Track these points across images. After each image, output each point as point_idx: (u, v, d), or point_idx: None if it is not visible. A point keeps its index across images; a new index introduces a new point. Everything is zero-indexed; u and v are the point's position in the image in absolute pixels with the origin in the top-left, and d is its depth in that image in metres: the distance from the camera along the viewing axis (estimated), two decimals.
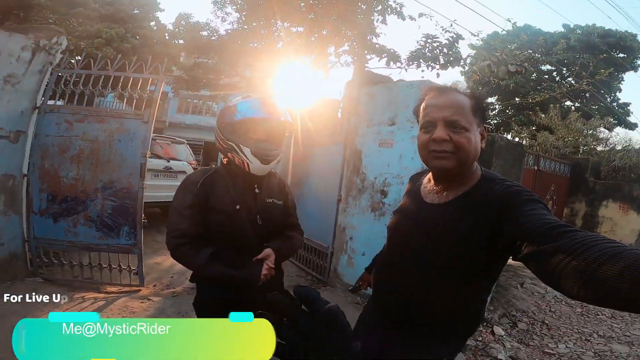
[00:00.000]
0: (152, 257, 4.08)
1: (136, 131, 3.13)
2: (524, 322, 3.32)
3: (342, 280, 3.56)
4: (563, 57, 14.31)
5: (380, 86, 3.66)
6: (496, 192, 0.88)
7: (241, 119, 1.26)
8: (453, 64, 6.05)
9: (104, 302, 2.84)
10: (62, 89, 3.23)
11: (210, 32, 9.14)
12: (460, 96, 0.95)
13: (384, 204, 3.23)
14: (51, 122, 3.10)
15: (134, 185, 3.08)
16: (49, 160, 3.05)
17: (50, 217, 3.05)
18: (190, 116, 17.46)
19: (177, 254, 1.25)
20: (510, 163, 2.93)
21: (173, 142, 5.95)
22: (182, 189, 1.30)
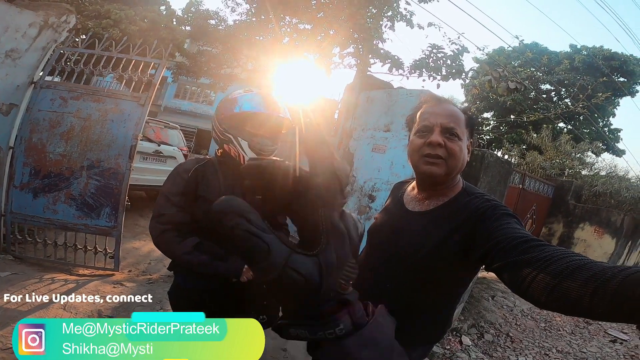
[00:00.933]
0: (131, 241, 4.03)
1: (131, 113, 3.12)
2: (490, 333, 3.39)
3: None
4: (564, 77, 14.38)
5: (380, 91, 3.67)
6: (473, 205, 0.91)
7: (241, 112, 1.27)
8: (455, 76, 6.08)
9: (75, 284, 2.78)
10: (62, 66, 3.21)
11: (218, 20, 9.08)
12: (456, 108, 1.00)
13: (371, 208, 3.24)
14: (46, 97, 3.07)
15: (121, 166, 3.05)
16: (38, 135, 3.01)
17: (30, 192, 3.00)
18: (187, 102, 17.30)
19: (161, 240, 1.24)
20: (497, 180, 2.96)
21: (166, 127, 5.89)
22: (173, 175, 1.29)
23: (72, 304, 2.46)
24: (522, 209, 5.56)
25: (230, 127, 1.30)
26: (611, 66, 14.42)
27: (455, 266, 0.91)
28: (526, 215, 5.83)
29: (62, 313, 2.35)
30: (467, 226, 0.87)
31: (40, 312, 2.31)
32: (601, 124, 14.68)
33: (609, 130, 15.40)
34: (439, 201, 0.98)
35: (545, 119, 9.59)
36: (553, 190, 6.64)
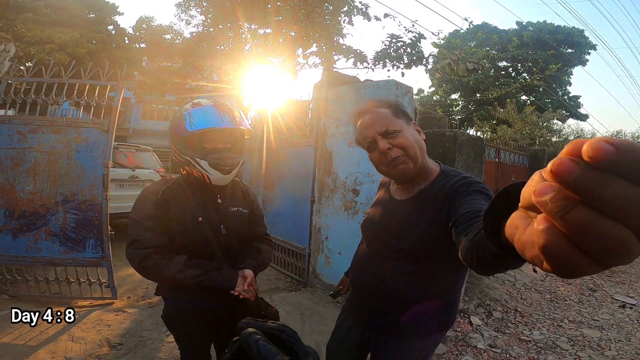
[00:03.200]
0: (123, 269, 3.93)
1: (96, 141, 3.00)
2: (498, 310, 3.47)
3: (322, 280, 3.60)
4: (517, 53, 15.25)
5: (347, 87, 3.71)
6: (451, 183, 0.97)
7: (193, 132, 1.18)
8: (416, 63, 6.26)
9: (77, 316, 2.71)
10: (12, 98, 3.02)
11: (174, 35, 8.87)
12: (379, 109, 1.05)
13: (357, 202, 3.30)
14: (2, 133, 2.91)
15: (97, 196, 2.95)
16: (3, 175, 2.86)
17: (9, 234, 2.89)
18: (156, 122, 16.76)
19: (145, 265, 1.16)
20: (472, 157, 3.09)
21: (138, 150, 5.72)
22: (141, 200, 1.23)
23: (80, 335, 2.45)
24: (504, 181, 5.82)
25: (186, 149, 1.22)
26: (557, 39, 15.42)
27: (448, 245, 0.95)
28: None
29: (72, 345, 2.32)
30: (446, 203, 0.93)
31: (50, 346, 2.29)
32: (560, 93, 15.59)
33: (569, 98, 16.40)
34: (421, 185, 1.04)
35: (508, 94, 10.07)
36: (528, 160, 6.99)
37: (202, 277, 1.16)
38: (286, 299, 3.40)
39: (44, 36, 8.62)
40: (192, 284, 1.16)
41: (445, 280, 1.04)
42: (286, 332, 1.12)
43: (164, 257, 1.17)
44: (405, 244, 0.99)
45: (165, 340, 2.50)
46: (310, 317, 3.01)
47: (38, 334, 2.42)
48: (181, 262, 1.16)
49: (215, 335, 1.38)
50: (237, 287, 1.21)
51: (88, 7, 11.50)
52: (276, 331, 1.05)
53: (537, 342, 2.90)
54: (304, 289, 3.73)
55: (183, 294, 1.24)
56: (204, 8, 8.42)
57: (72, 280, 3.02)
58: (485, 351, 2.69)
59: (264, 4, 7.25)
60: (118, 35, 10.95)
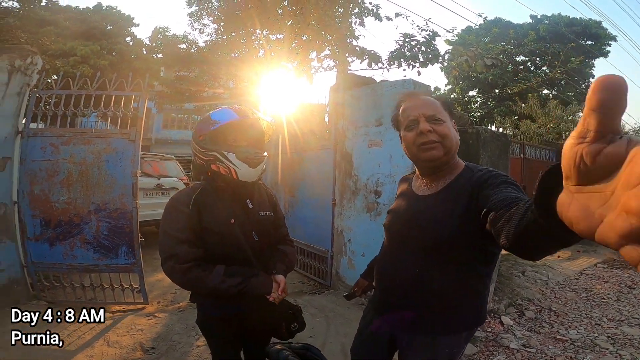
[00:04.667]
0: (153, 275, 4.06)
1: (124, 150, 3.10)
2: (531, 310, 3.38)
3: (345, 282, 3.59)
4: (534, 47, 14.93)
5: (364, 88, 3.71)
6: (477, 176, 0.97)
7: (218, 127, 1.22)
8: (432, 62, 6.20)
9: (111, 320, 2.84)
10: (42, 111, 3.13)
11: (188, 44, 9.09)
12: (430, 97, 1.09)
13: (379, 203, 3.28)
14: (36, 146, 3.04)
15: (127, 205, 3.05)
16: (39, 186, 2.99)
17: (46, 242, 3.02)
18: (177, 131, 17.20)
19: (186, 280, 1.18)
20: (497, 154, 3.02)
21: (162, 159, 5.89)
22: (170, 210, 1.22)
23: (115, 340, 2.54)
24: (530, 178, 5.66)
25: (213, 145, 1.24)
26: (575, 32, 15.08)
27: (475, 239, 0.95)
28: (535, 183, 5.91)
29: (108, 350, 2.41)
30: (474, 196, 0.93)
31: (87, 350, 2.38)
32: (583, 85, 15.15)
33: None
34: (446, 180, 1.05)
35: (529, 88, 9.83)
36: (555, 155, 6.79)
37: (242, 285, 1.19)
38: (310, 301, 3.42)
39: (66, 49, 8.97)
40: (232, 292, 1.18)
41: (474, 275, 1.03)
42: (311, 350, 1.16)
43: (204, 270, 1.17)
44: (434, 239, 0.99)
45: (195, 344, 2.55)
46: (334, 319, 3.01)
47: (76, 339, 2.52)
48: (221, 273, 1.18)
49: (245, 339, 1.40)
50: (273, 294, 1.24)
51: (105, 19, 11.91)
52: (302, 350, 1.12)
53: (574, 342, 2.81)
54: (327, 292, 3.73)
55: (217, 299, 1.26)
56: (216, 16, 8.60)
57: (106, 286, 3.13)
58: (519, 351, 2.62)
59: (274, 9, 7.35)
60: (136, 46, 11.28)
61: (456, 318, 1.04)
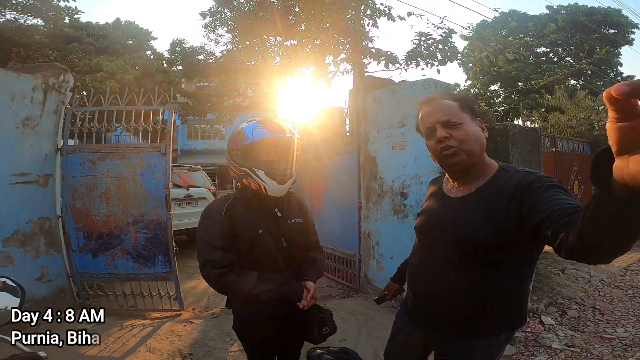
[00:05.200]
0: (186, 282, 4.20)
1: (156, 163, 3.21)
2: (573, 309, 3.26)
3: (374, 285, 3.58)
4: (555, 38, 14.50)
5: (383, 90, 3.71)
6: (517, 179, 0.95)
7: (249, 143, 1.27)
8: (451, 59, 6.09)
9: (151, 327, 2.96)
10: (78, 128, 3.26)
11: (206, 55, 9.32)
12: (446, 101, 1.07)
13: (406, 205, 3.26)
14: (75, 162, 3.21)
15: (162, 216, 3.17)
16: (80, 201, 3.16)
17: (89, 253, 3.19)
18: (201, 142, 17.68)
19: (221, 284, 1.25)
20: (528, 149, 2.94)
21: (190, 170, 6.10)
22: (206, 219, 1.30)
23: (155, 346, 2.65)
24: (564, 172, 5.42)
25: (244, 160, 1.30)
26: (595, 21, 14.60)
27: (512, 242, 0.93)
28: (570, 177, 5.70)
29: (150, 356, 2.52)
30: (517, 199, 0.90)
31: (131, 357, 2.50)
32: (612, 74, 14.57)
33: (622, 78, 15.30)
34: (480, 182, 1.03)
35: (555, 80, 9.49)
36: (589, 147, 6.51)
37: (273, 292, 1.24)
38: (339, 305, 3.43)
39: (92, 65, 9.37)
40: (264, 298, 1.24)
41: (513, 276, 1.00)
42: (349, 354, 1.18)
43: (238, 275, 1.24)
44: (470, 241, 0.97)
45: (230, 349, 2.62)
46: (365, 323, 3.01)
47: (120, 346, 2.63)
48: (254, 279, 1.24)
49: (279, 343, 1.43)
50: (302, 301, 1.28)
51: (125, 34, 12.40)
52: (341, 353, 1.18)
53: (622, 340, 2.70)
54: (356, 295, 3.73)
55: (252, 305, 1.31)
56: (229, 26, 8.78)
57: (145, 294, 3.27)
58: (562, 351, 2.54)
59: (286, 16, 7.43)
60: (157, 59, 11.68)
61: (494, 320, 1.02)
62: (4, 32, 7.82)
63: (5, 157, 2.84)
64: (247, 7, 8.22)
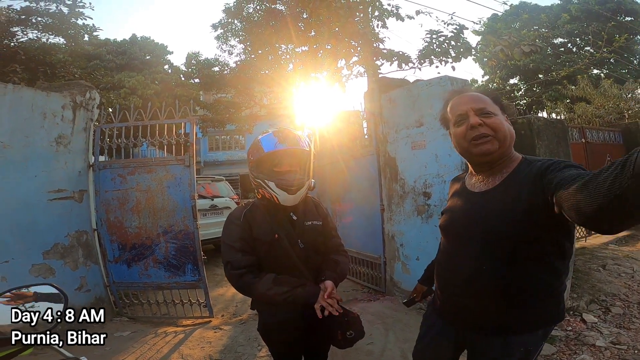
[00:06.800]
0: (215, 290, 4.30)
1: (181, 176, 3.32)
2: (617, 306, 3.12)
3: (401, 287, 3.55)
4: (571, 28, 14.14)
5: (399, 90, 3.69)
6: (537, 165, 0.94)
7: (262, 155, 1.34)
8: (465, 54, 6.02)
9: (183, 334, 3.04)
10: (107, 144, 3.39)
11: (221, 66, 9.55)
12: (478, 92, 1.08)
13: (429, 205, 3.23)
14: (106, 177, 3.36)
15: (189, 226, 3.27)
16: (113, 214, 3.31)
17: (124, 264, 3.33)
18: (222, 153, 18.10)
19: (240, 284, 1.32)
20: (555, 142, 2.85)
21: (213, 181, 6.27)
22: (227, 224, 1.40)
23: (187, 353, 2.73)
24: (595, 163, 5.18)
25: (258, 172, 1.37)
26: (609, 9, 14.17)
27: (543, 231, 0.92)
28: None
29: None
30: (537, 184, 0.90)
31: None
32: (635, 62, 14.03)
33: None
34: (503, 174, 1.02)
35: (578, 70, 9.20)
36: (621, 136, 6.24)
37: (288, 293, 1.28)
38: (365, 308, 3.40)
39: (115, 81, 9.79)
40: (278, 300, 1.28)
41: (546, 269, 0.98)
42: None
43: (255, 277, 1.30)
44: (497, 234, 0.96)
45: (258, 354, 2.66)
46: (393, 325, 2.98)
47: (155, 353, 2.72)
48: (270, 281, 1.29)
49: (305, 344, 1.45)
50: (320, 300, 1.29)
51: (142, 50, 12.88)
52: None
53: None
54: (382, 298, 3.70)
55: (273, 306, 1.35)
56: (241, 37, 8.96)
57: (176, 302, 3.37)
58: (607, 349, 2.43)
59: (295, 23, 7.52)
60: (174, 73, 12.08)
61: (530, 315, 1.00)
62: (28, 50, 8.24)
63: (42, 175, 3.00)
64: (255, 17, 8.40)
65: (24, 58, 7.99)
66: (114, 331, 3.04)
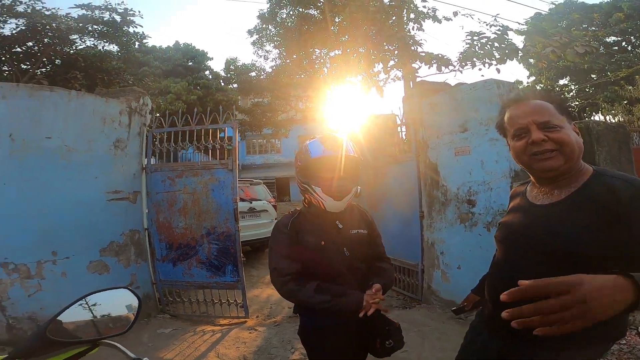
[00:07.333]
0: (250, 291, 4.40)
1: (224, 179, 3.45)
2: None
3: (439, 296, 3.45)
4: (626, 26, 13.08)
5: (442, 94, 3.61)
6: (616, 188, 0.86)
7: (309, 161, 1.36)
8: (511, 56, 5.75)
9: (220, 334, 3.15)
10: (159, 148, 3.59)
11: (257, 71, 9.85)
12: (540, 101, 0.98)
13: (473, 213, 3.11)
14: (157, 180, 3.56)
15: (231, 228, 3.39)
16: (163, 215, 3.51)
17: (170, 263, 3.51)
18: (259, 156, 18.67)
19: (284, 291, 1.35)
20: (616, 148, 2.63)
21: (252, 184, 6.42)
22: (275, 232, 1.43)
23: (223, 352, 2.81)
24: None
25: (305, 177, 1.39)
26: None
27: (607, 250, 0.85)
28: None
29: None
30: (613, 210, 0.83)
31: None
32: None
33: None
34: (571, 188, 0.94)
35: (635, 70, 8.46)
36: None
37: (328, 303, 1.29)
38: (400, 316, 3.33)
39: (161, 87, 10.39)
40: (320, 308, 1.29)
41: None
42: None
43: (298, 284, 1.32)
44: (559, 251, 0.90)
45: (290, 357, 2.69)
46: (429, 334, 2.89)
47: (193, 351, 2.81)
48: (312, 289, 1.30)
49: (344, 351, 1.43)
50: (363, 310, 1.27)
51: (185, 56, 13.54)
52: None
53: None
54: (418, 306, 3.61)
55: (314, 312, 1.36)
56: (276, 42, 9.17)
57: (215, 302, 3.48)
58: None
59: (328, 27, 7.56)
60: (215, 79, 12.60)
61: (589, 334, 0.92)
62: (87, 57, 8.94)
63: (101, 177, 3.23)
64: (289, 23, 8.58)
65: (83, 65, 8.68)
66: (157, 328, 3.21)
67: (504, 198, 2.92)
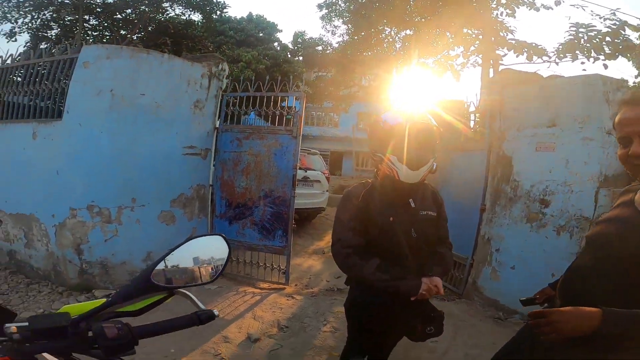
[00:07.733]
0: (293, 259, 4.55)
1: (288, 145, 3.54)
2: None
3: (482, 293, 3.29)
4: None
5: (530, 86, 3.30)
6: None
7: (385, 129, 1.31)
8: (625, 53, 5.02)
9: (259, 297, 3.29)
10: (231, 111, 3.77)
11: (324, 46, 9.77)
12: None
13: (545, 214, 2.86)
14: (226, 140, 3.76)
15: (287, 194, 3.49)
16: (227, 173, 3.72)
17: (226, 220, 3.72)
18: (316, 128, 18.75)
19: (346, 264, 1.34)
20: None
21: (309, 154, 6.45)
22: (344, 201, 1.39)
23: (259, 314, 2.94)
24: None
25: (379, 147, 1.34)
26: None
27: None
28: None
29: (253, 323, 2.81)
30: None
31: (239, 322, 2.81)
32: None
33: None
34: None
35: None
36: None
37: (388, 283, 1.27)
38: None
39: (235, 55, 10.85)
40: (379, 286, 1.28)
41: None
42: None
43: (361, 259, 1.30)
44: None
45: (322, 329, 2.74)
46: (463, 328, 2.80)
47: (233, 309, 2.97)
48: (374, 266, 1.28)
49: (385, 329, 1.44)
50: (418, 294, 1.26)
51: (257, 27, 13.91)
52: None
53: None
54: (458, 300, 3.49)
55: (365, 287, 1.36)
56: (345, 18, 8.91)
57: (260, 265, 3.63)
58: None
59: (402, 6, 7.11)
60: (283, 50, 12.82)
61: None
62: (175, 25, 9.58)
63: (181, 133, 3.50)
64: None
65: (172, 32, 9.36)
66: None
67: (584, 203, 2.65)
